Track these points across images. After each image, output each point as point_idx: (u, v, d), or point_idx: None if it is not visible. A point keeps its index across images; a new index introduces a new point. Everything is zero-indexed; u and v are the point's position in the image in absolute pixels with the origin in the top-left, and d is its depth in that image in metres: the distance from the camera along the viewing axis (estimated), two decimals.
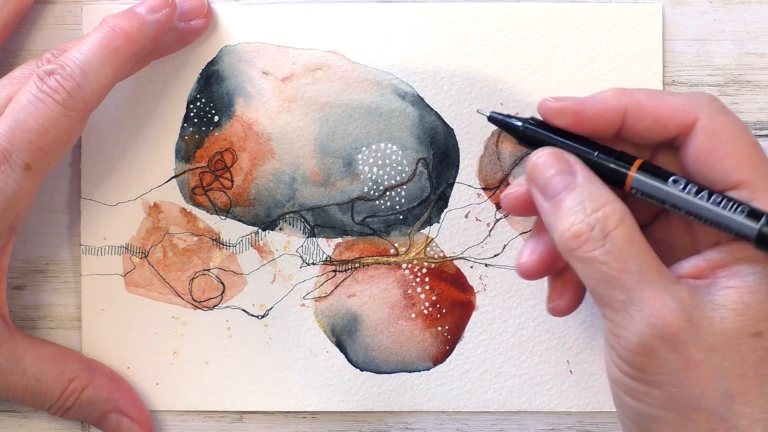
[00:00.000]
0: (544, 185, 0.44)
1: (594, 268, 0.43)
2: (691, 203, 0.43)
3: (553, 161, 0.44)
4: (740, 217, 0.42)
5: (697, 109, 0.44)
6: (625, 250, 0.42)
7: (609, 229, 0.42)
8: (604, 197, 0.43)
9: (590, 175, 0.44)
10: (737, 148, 0.43)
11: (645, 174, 0.44)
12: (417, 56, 0.53)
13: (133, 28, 0.48)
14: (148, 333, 0.54)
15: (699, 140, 0.44)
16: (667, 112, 0.44)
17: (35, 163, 0.47)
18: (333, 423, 0.54)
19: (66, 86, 0.46)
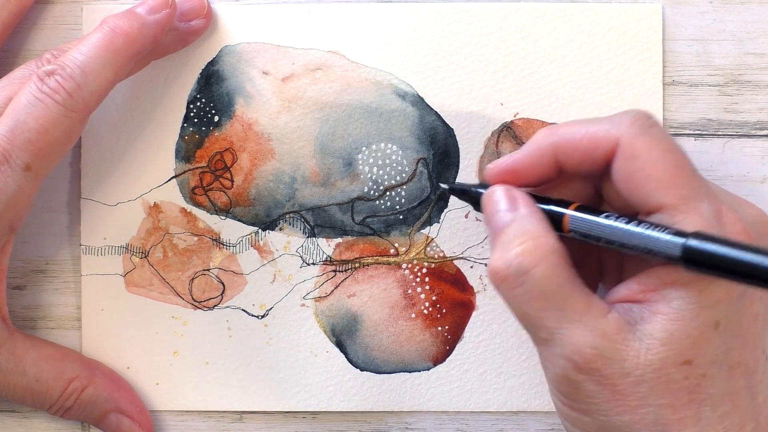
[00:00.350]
0: (490, 218, 0.45)
1: (515, 306, 0.43)
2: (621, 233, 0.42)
3: (500, 196, 0.45)
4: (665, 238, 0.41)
5: (617, 133, 0.43)
6: (545, 288, 0.42)
7: (527, 268, 0.42)
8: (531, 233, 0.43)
9: (531, 212, 0.44)
10: (657, 170, 0.42)
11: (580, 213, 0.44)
12: (417, 56, 0.53)
13: (133, 29, 0.48)
14: (148, 333, 0.54)
15: (619, 166, 0.43)
16: (591, 142, 0.44)
17: (35, 164, 0.46)
18: (333, 423, 0.54)
19: (66, 87, 0.46)
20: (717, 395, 0.41)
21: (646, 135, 0.43)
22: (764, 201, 0.53)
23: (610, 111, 0.53)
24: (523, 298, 0.42)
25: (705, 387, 0.41)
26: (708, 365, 0.41)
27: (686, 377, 0.41)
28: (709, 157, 0.53)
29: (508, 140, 0.53)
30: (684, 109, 0.53)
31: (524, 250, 0.42)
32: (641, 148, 0.43)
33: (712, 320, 0.41)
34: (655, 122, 0.44)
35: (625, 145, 0.43)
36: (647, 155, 0.42)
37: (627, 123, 0.43)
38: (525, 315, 0.43)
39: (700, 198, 0.42)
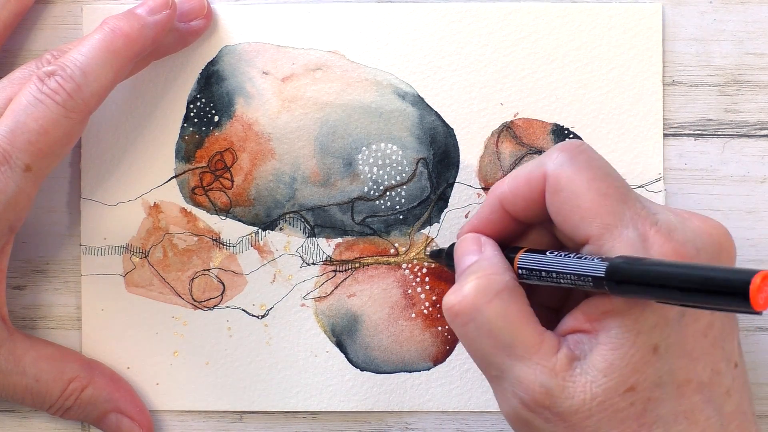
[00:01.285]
0: (457, 262, 0.46)
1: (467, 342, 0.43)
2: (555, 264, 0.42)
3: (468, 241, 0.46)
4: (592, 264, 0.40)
5: (544, 170, 0.43)
6: (495, 325, 0.42)
7: (479, 304, 0.42)
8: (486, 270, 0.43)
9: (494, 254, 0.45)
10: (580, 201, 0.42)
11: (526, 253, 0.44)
12: (417, 56, 0.53)
13: (134, 30, 0.48)
14: (148, 333, 0.54)
15: (549, 200, 0.43)
16: (527, 186, 0.44)
17: (35, 164, 0.46)
18: (333, 423, 0.54)
19: (66, 87, 0.46)
20: (668, 416, 0.41)
21: (570, 165, 0.43)
22: (764, 201, 0.53)
23: (610, 111, 0.53)
24: (473, 334, 0.42)
25: (652, 410, 0.41)
26: (652, 389, 0.41)
27: (632, 404, 0.41)
28: (709, 157, 0.53)
29: (508, 140, 0.53)
30: (684, 109, 0.53)
31: (477, 286, 0.43)
32: (565, 180, 0.42)
33: (650, 344, 0.41)
34: (584, 150, 0.43)
35: (550, 179, 0.43)
36: (571, 186, 0.42)
37: (553, 156, 0.43)
38: (476, 351, 0.43)
39: (624, 224, 0.41)
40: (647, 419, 0.41)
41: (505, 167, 0.53)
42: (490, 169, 0.53)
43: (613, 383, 0.40)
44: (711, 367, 0.42)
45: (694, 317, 0.42)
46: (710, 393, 0.42)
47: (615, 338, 0.41)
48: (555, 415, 0.41)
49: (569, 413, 0.41)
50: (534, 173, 0.44)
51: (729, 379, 0.42)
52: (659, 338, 0.41)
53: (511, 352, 0.42)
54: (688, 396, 0.41)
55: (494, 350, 0.42)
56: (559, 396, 0.41)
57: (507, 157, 0.53)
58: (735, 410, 0.42)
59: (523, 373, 0.41)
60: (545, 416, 0.41)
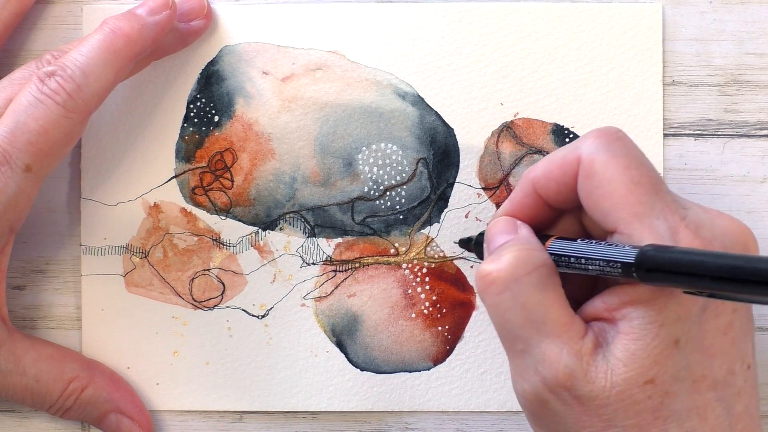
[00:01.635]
0: (489, 240, 0.45)
1: (497, 312, 0.43)
2: (585, 250, 0.42)
3: (501, 223, 0.46)
4: (621, 249, 0.40)
5: (579, 152, 0.43)
6: (531, 298, 0.42)
7: (518, 275, 0.42)
8: (524, 246, 0.43)
9: (529, 233, 0.44)
10: (613, 187, 0.42)
11: (557, 241, 0.44)
12: (417, 56, 0.53)
13: (134, 30, 0.48)
14: (148, 333, 0.54)
15: (581, 185, 0.43)
16: (560, 168, 0.44)
17: (35, 165, 0.46)
18: (333, 423, 0.54)
19: (66, 88, 0.46)
20: (682, 411, 0.41)
21: (606, 151, 0.43)
22: (764, 201, 0.53)
23: (610, 111, 0.53)
24: (507, 304, 0.42)
25: (668, 404, 0.41)
26: (670, 382, 0.41)
27: (649, 396, 0.41)
28: (709, 157, 0.53)
29: (508, 140, 0.53)
30: (684, 109, 0.53)
31: (517, 258, 0.42)
32: (599, 166, 0.42)
33: (672, 337, 0.41)
34: (620, 137, 0.43)
35: (584, 163, 0.43)
36: (604, 172, 0.42)
37: (589, 141, 0.43)
38: (506, 322, 0.43)
39: (655, 215, 0.41)
40: (662, 413, 0.41)
41: (505, 167, 0.53)
42: (490, 169, 0.53)
43: (634, 374, 0.40)
44: (727, 366, 0.42)
45: (714, 313, 0.41)
46: (723, 392, 0.42)
47: (637, 329, 0.41)
48: (574, 398, 0.41)
49: (588, 398, 0.41)
50: (568, 157, 0.44)
51: (741, 380, 0.42)
52: (681, 332, 0.41)
53: (541, 327, 0.41)
54: (702, 392, 0.41)
55: (525, 323, 0.42)
56: (581, 379, 0.41)
57: (507, 157, 0.53)
58: (744, 411, 0.42)
59: (549, 351, 0.41)
60: (564, 398, 0.41)
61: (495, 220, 0.46)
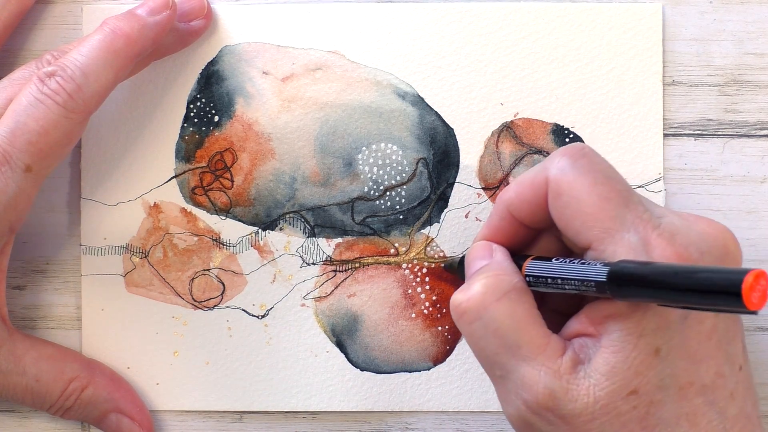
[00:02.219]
0: (467, 267, 0.46)
1: (473, 341, 0.43)
2: (559, 269, 0.42)
3: (478, 248, 0.46)
4: (594, 269, 0.40)
5: (546, 174, 0.43)
6: (502, 324, 0.42)
7: (487, 303, 0.42)
8: (494, 270, 0.43)
9: (504, 258, 0.45)
10: (581, 205, 0.42)
11: (533, 262, 0.44)
12: (417, 56, 0.53)
13: (134, 30, 0.48)
14: (148, 333, 0.54)
15: (551, 206, 0.43)
16: (531, 191, 0.44)
17: (35, 165, 0.46)
18: (333, 423, 0.54)
19: (66, 88, 0.46)
20: (670, 418, 0.41)
21: (572, 170, 0.43)
22: (764, 201, 0.53)
23: (610, 111, 0.53)
24: (480, 333, 0.42)
25: (654, 413, 0.41)
26: (654, 392, 0.41)
27: (634, 407, 0.41)
28: (709, 157, 0.53)
29: (508, 140, 0.53)
30: (684, 109, 0.53)
31: (485, 285, 0.43)
32: (566, 185, 0.42)
33: (651, 347, 0.41)
34: (585, 153, 0.43)
35: (552, 184, 0.43)
36: (571, 191, 0.42)
37: (555, 161, 0.43)
38: (481, 350, 0.43)
39: (626, 228, 0.41)
40: (650, 422, 0.41)
41: (505, 167, 0.53)
42: (490, 169, 0.53)
43: (616, 386, 0.40)
44: (714, 370, 0.42)
45: (698, 320, 0.41)
46: (713, 396, 0.42)
47: (617, 341, 0.41)
48: (558, 417, 0.41)
49: (572, 416, 0.41)
50: (537, 178, 0.44)
51: (733, 382, 0.42)
52: (661, 341, 0.41)
53: (516, 352, 0.42)
54: (689, 398, 0.41)
55: (500, 350, 0.42)
56: (562, 398, 0.41)
57: (507, 157, 0.53)
58: (738, 413, 0.42)
59: (527, 374, 0.41)
60: (548, 419, 0.41)
61: (472, 246, 0.47)
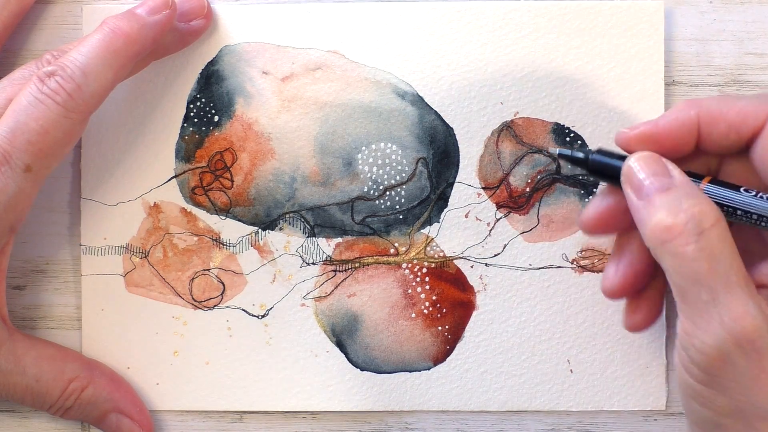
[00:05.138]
0: (639, 185, 0.44)
1: (683, 263, 0.42)
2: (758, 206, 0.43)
3: (650, 163, 0.45)
4: None
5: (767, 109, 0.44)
6: (717, 250, 0.42)
7: (704, 227, 0.42)
8: (701, 197, 0.43)
9: (686, 177, 0.44)
10: None
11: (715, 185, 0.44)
12: (416, 56, 0.53)
13: (133, 30, 0.48)
14: (148, 333, 0.54)
15: (764, 143, 0.43)
16: (739, 116, 0.44)
17: (35, 165, 0.46)
18: (333, 423, 0.54)
19: (66, 88, 0.46)
20: None
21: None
22: None
23: (610, 110, 0.53)
24: (694, 255, 0.42)
25: None
26: None
27: None
28: None
29: (508, 139, 0.53)
30: None
31: (701, 211, 0.42)
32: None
33: None
34: None
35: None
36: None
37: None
38: (692, 273, 0.42)
39: None
40: None
41: (505, 167, 0.53)
42: (490, 168, 0.53)
43: None
44: None
45: None
46: None
47: None
48: (757, 352, 0.41)
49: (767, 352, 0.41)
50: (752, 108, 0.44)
51: None
52: None
53: (728, 279, 0.41)
54: None
55: (712, 274, 0.42)
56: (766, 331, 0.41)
57: (507, 157, 0.53)
58: None
59: (736, 302, 0.41)
60: (748, 353, 0.41)
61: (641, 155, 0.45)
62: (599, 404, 0.53)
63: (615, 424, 0.53)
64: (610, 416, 0.53)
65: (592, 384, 0.53)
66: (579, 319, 0.53)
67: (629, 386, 0.53)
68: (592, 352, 0.53)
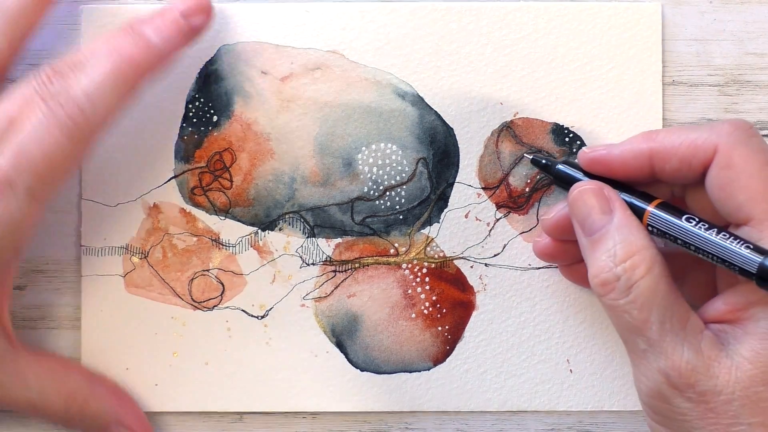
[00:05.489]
0: (583, 221, 0.45)
1: (619, 316, 0.43)
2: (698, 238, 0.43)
3: (592, 197, 0.45)
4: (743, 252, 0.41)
5: (716, 140, 0.44)
6: (649, 300, 0.42)
7: (634, 280, 0.42)
8: (635, 244, 0.43)
9: (627, 216, 0.44)
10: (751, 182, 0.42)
11: (661, 211, 0.44)
12: (417, 56, 0.53)
13: (141, 55, 0.47)
14: (147, 334, 0.54)
15: (715, 174, 0.43)
16: (689, 149, 0.44)
17: (39, 189, 0.46)
18: (333, 423, 0.54)
19: (71, 114, 0.46)
20: None
21: (745, 145, 0.43)
22: None
23: (610, 111, 0.53)
24: (627, 307, 0.43)
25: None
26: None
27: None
28: None
29: (508, 140, 0.53)
30: (684, 109, 0.53)
31: (633, 264, 0.43)
32: (738, 158, 0.43)
33: None
34: (755, 133, 0.44)
35: (722, 153, 0.43)
36: (743, 165, 0.43)
37: (726, 131, 0.44)
38: (627, 324, 0.43)
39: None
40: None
41: (504, 167, 0.53)
42: (490, 168, 0.53)
43: (759, 372, 0.41)
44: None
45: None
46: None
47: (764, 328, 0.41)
48: (697, 394, 0.41)
49: (712, 393, 0.41)
50: (700, 140, 0.44)
51: None
52: None
53: (661, 326, 0.42)
54: None
55: (645, 324, 0.42)
56: (704, 375, 0.41)
57: (507, 157, 0.53)
58: None
59: (671, 348, 0.42)
60: (687, 395, 0.41)
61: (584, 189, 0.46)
62: (599, 404, 0.53)
63: (615, 424, 0.53)
64: (610, 416, 0.53)
65: (591, 384, 0.53)
66: (579, 319, 0.53)
67: (629, 386, 0.53)
68: (592, 352, 0.53)
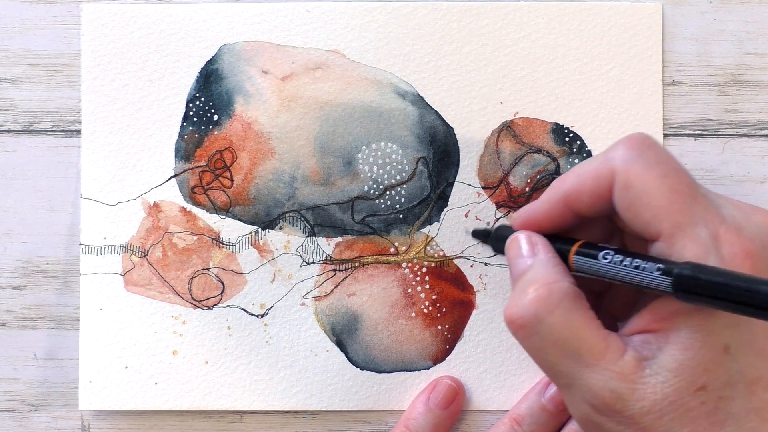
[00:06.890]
0: (510, 263, 0.45)
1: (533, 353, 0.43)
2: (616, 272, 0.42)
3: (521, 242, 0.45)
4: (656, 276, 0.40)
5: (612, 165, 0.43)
6: (560, 335, 0.42)
7: (542, 316, 0.42)
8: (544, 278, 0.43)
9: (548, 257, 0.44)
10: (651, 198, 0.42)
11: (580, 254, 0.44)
12: (417, 55, 0.53)
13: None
14: (147, 332, 0.54)
15: (618, 197, 0.43)
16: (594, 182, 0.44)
17: None
18: (333, 423, 0.54)
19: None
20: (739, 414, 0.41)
21: (639, 162, 0.42)
22: (764, 201, 0.53)
23: (610, 111, 0.53)
24: (539, 345, 0.42)
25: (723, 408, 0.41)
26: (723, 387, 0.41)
27: (703, 403, 0.41)
28: (709, 157, 0.53)
29: (508, 139, 0.53)
30: (684, 109, 0.53)
31: (538, 297, 0.42)
32: (635, 177, 0.42)
33: (720, 344, 0.41)
34: (651, 144, 0.43)
35: (620, 175, 0.43)
36: (641, 183, 0.42)
37: (620, 152, 0.43)
38: (542, 362, 0.43)
39: (695, 222, 0.41)
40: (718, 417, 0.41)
41: (504, 166, 0.53)
42: (490, 168, 0.53)
43: (684, 383, 0.40)
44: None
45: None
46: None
47: (685, 339, 0.41)
48: (626, 418, 0.41)
49: (641, 415, 0.41)
50: (601, 169, 0.43)
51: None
52: (730, 338, 0.41)
53: (578, 360, 0.42)
54: (758, 394, 0.41)
55: (561, 360, 0.42)
56: (629, 399, 0.41)
57: (507, 157, 0.53)
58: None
59: (592, 380, 0.41)
60: (617, 420, 0.41)
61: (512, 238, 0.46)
62: None
63: None
64: None
65: None
66: None
67: None
68: None
